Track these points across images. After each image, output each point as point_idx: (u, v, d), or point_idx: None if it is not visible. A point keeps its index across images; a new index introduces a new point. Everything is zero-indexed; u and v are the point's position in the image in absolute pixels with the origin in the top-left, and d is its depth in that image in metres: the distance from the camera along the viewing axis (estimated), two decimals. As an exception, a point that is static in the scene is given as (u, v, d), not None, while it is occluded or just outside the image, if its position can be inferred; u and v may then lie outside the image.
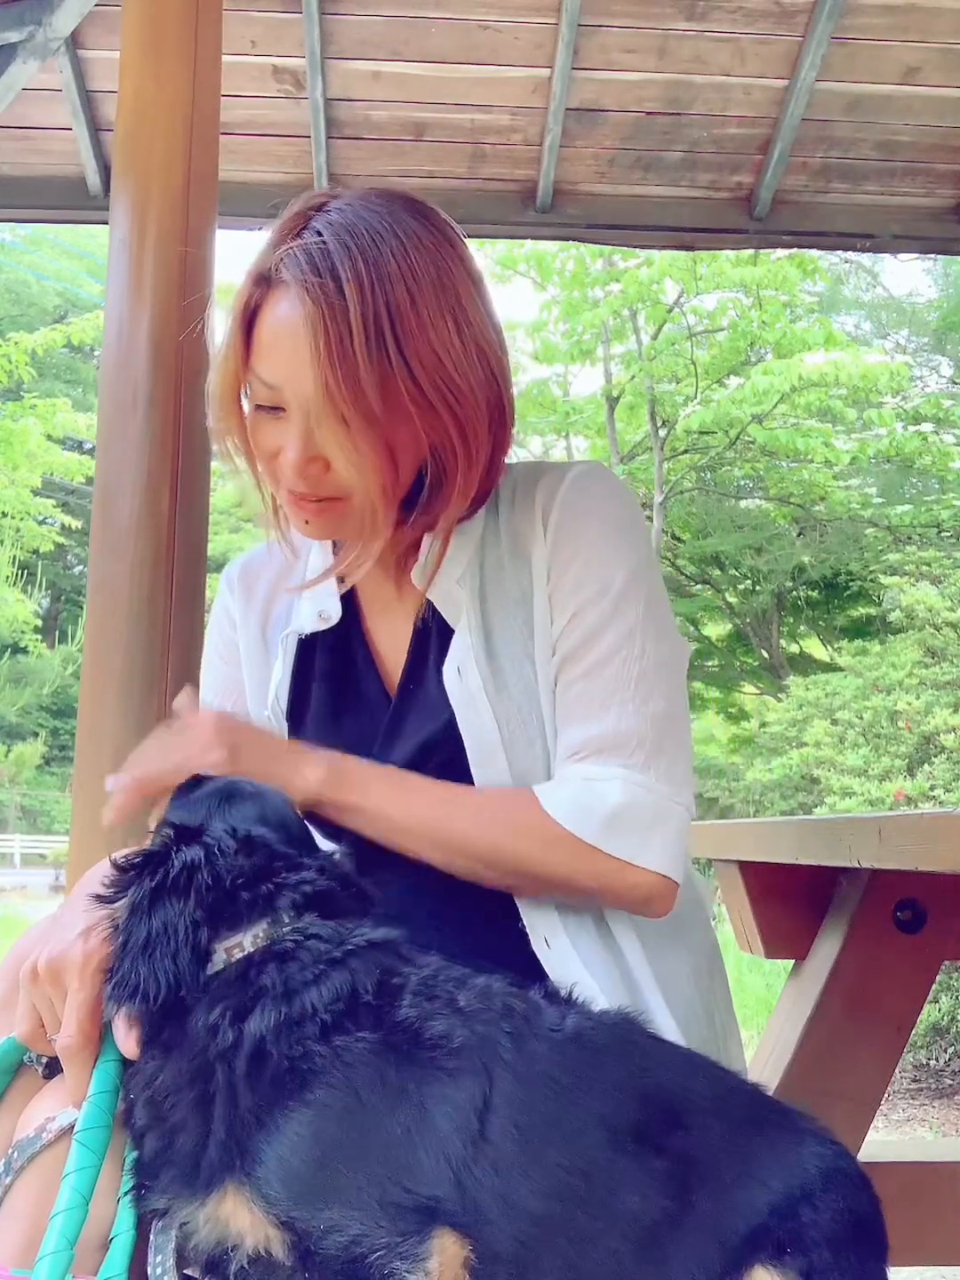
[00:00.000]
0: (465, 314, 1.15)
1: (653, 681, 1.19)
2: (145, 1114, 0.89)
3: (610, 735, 1.16)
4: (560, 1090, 0.88)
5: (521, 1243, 0.82)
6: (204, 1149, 0.84)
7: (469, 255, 1.20)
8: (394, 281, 1.10)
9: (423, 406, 1.12)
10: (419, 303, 1.11)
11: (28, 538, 16.41)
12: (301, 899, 0.94)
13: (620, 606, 1.20)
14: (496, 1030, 0.89)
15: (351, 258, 1.10)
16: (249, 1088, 0.84)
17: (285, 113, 3.68)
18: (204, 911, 0.91)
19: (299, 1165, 0.81)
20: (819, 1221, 0.89)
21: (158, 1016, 0.89)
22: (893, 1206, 0.95)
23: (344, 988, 0.88)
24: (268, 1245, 0.80)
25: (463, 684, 1.20)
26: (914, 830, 1.29)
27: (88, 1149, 0.89)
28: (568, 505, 1.23)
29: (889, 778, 6.57)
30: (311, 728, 1.30)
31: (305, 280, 1.10)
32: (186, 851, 0.94)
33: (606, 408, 13.43)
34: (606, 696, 1.18)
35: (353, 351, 1.08)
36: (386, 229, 1.12)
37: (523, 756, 1.19)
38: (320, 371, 1.08)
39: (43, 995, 0.98)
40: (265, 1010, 0.86)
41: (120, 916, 0.92)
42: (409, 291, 1.11)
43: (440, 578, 1.24)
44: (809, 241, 4.56)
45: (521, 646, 1.21)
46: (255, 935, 0.91)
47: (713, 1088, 0.96)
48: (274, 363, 1.13)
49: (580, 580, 1.21)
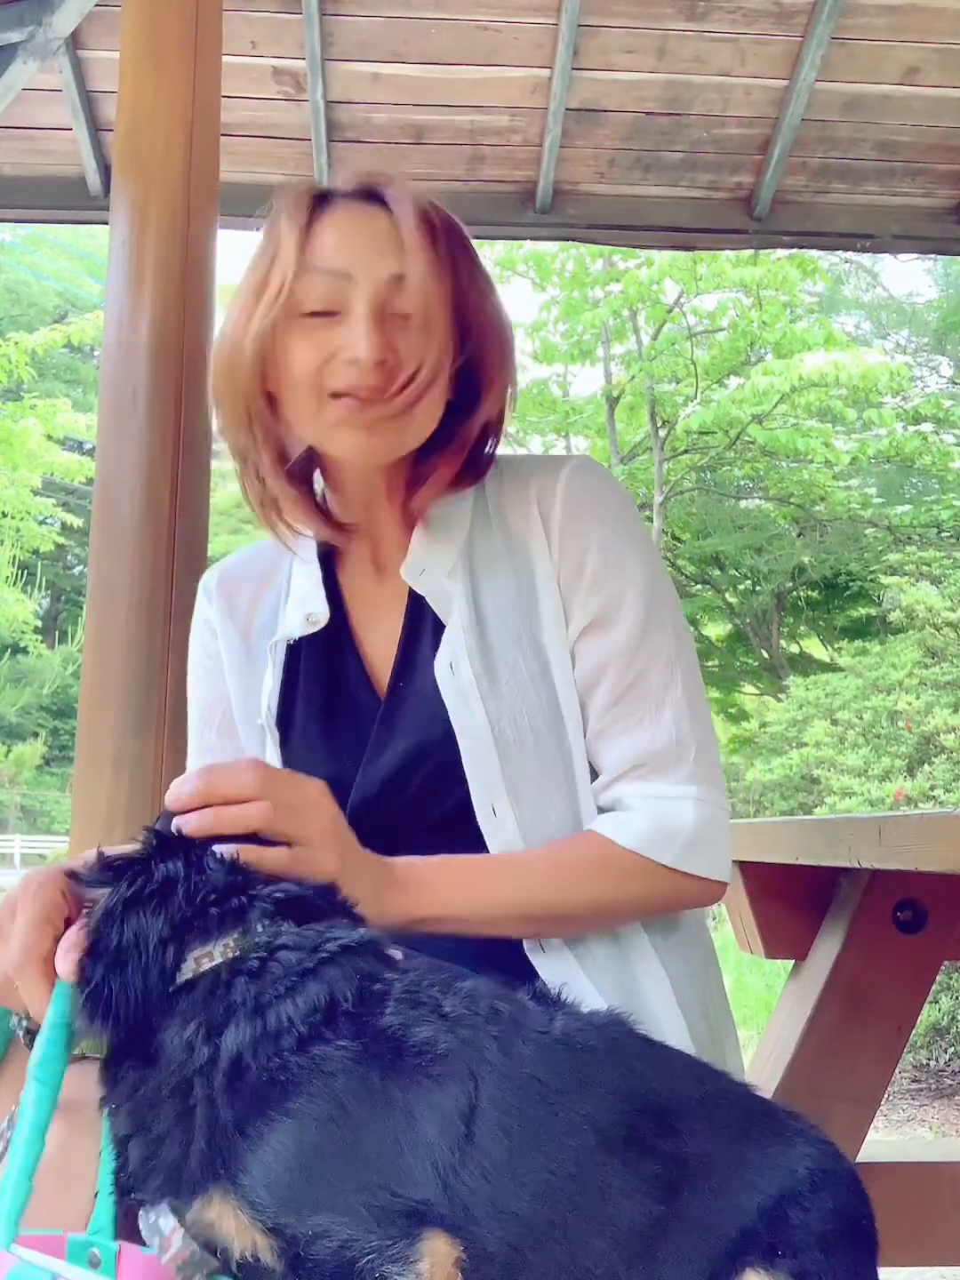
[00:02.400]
0: (493, 285, 1.25)
1: (692, 685, 1.20)
2: (128, 1123, 0.89)
3: (663, 747, 1.17)
4: (548, 1093, 0.87)
5: (512, 1246, 0.82)
6: (186, 1159, 0.84)
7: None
8: (443, 213, 1.20)
9: (473, 309, 1.20)
10: (469, 243, 1.23)
11: (28, 538, 16.40)
12: (273, 906, 0.93)
13: (651, 614, 1.20)
14: (482, 1034, 0.88)
15: (408, 186, 1.20)
16: (228, 1100, 0.83)
17: (285, 114, 3.68)
18: (175, 927, 0.90)
19: (283, 1173, 0.80)
20: (809, 1222, 0.88)
21: (130, 1030, 0.89)
22: (893, 1206, 0.95)
23: (321, 998, 0.87)
24: (255, 1250, 0.80)
25: (455, 679, 1.17)
26: (914, 830, 1.29)
27: (42, 1083, 0.89)
28: (571, 502, 1.22)
29: (889, 778, 6.58)
30: (301, 732, 1.27)
31: (371, 184, 1.18)
32: (167, 864, 0.93)
33: (606, 408, 13.44)
34: (656, 706, 1.18)
35: (432, 229, 1.17)
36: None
37: (514, 752, 1.17)
38: (409, 236, 1.14)
39: (6, 941, 0.96)
40: (239, 1025, 0.85)
41: (94, 918, 0.92)
42: (462, 229, 1.22)
43: (429, 573, 1.22)
44: (809, 241, 4.57)
45: (517, 641, 1.19)
46: (226, 945, 0.90)
47: (702, 1088, 0.96)
48: (346, 251, 1.15)
49: (599, 582, 1.20)
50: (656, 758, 1.17)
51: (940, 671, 7.54)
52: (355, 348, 1.12)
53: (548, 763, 1.18)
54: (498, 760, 1.16)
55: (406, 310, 1.14)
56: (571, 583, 1.21)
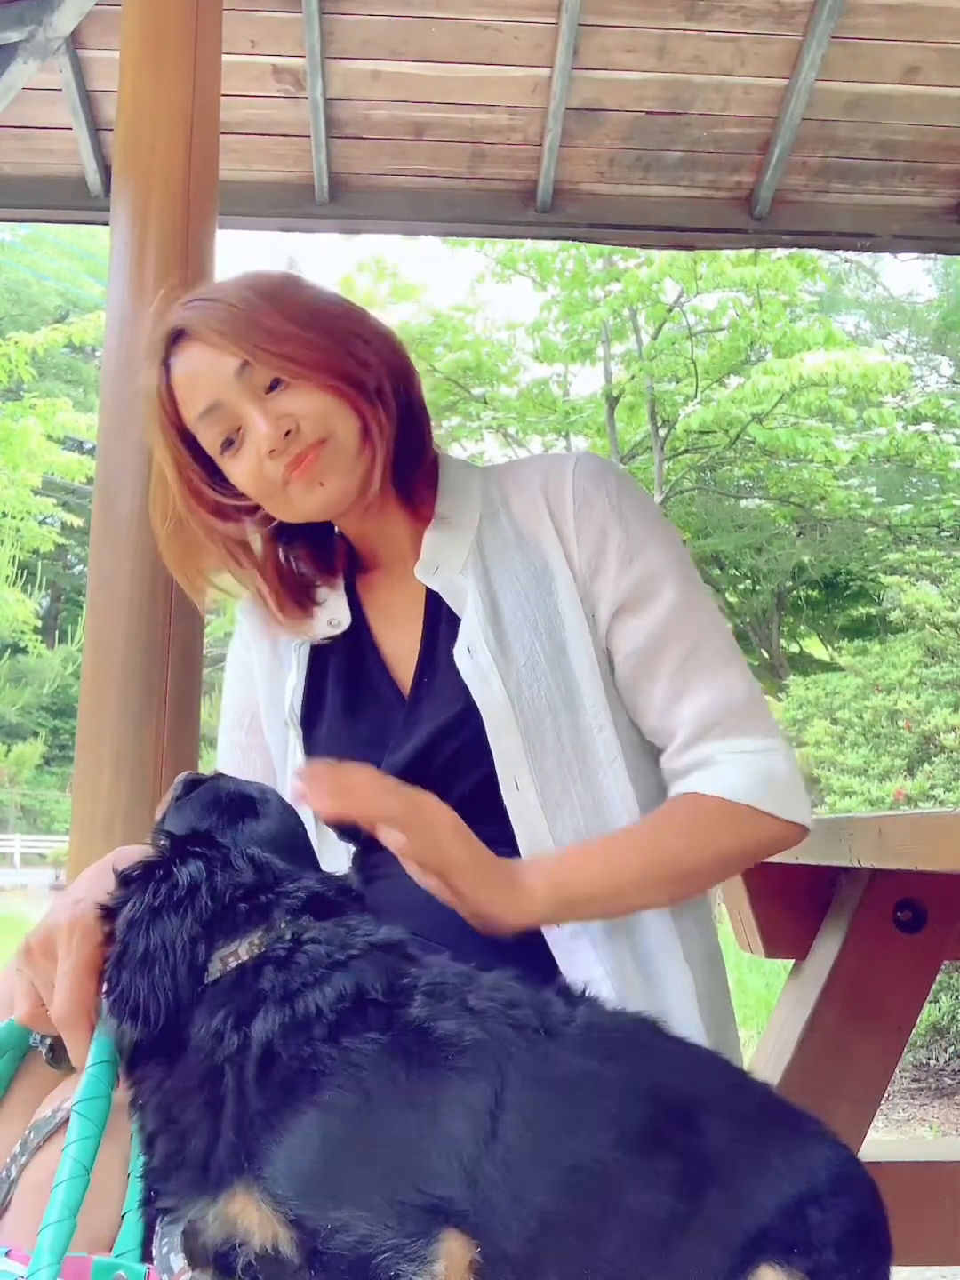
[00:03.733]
0: (316, 290, 1.30)
1: (734, 642, 1.28)
2: (155, 1119, 0.89)
3: (740, 700, 1.23)
4: (572, 1089, 0.88)
5: (531, 1241, 0.82)
6: (214, 1151, 0.84)
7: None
8: (249, 284, 1.27)
9: (322, 332, 1.24)
10: (274, 283, 1.28)
11: (28, 538, 16.39)
12: (297, 904, 0.94)
13: (690, 583, 1.27)
14: (508, 1029, 0.89)
15: (208, 295, 1.27)
16: (258, 1090, 0.84)
17: (285, 112, 3.68)
18: (201, 927, 0.91)
19: (307, 1165, 0.81)
20: (826, 1223, 0.89)
21: (159, 1030, 0.89)
22: (893, 1206, 0.95)
23: (349, 988, 0.88)
24: (275, 1243, 0.80)
25: (474, 661, 1.23)
26: (914, 830, 1.29)
27: (87, 1119, 0.89)
28: (582, 490, 1.27)
29: (889, 778, 6.57)
30: (327, 730, 1.33)
31: (171, 333, 1.25)
32: (188, 866, 0.94)
33: (606, 407, 13.42)
34: (725, 664, 1.24)
35: (243, 308, 1.23)
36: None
37: (534, 729, 1.22)
38: (229, 341, 1.21)
39: (39, 971, 0.98)
40: (269, 1013, 0.86)
41: (120, 929, 0.92)
42: (265, 281, 1.28)
43: (442, 570, 1.28)
44: (809, 241, 4.56)
45: (533, 626, 1.25)
46: (251, 943, 0.91)
47: (724, 1087, 0.97)
48: (198, 390, 1.24)
49: (629, 559, 1.25)
50: (737, 713, 1.23)
51: (940, 671, 7.53)
52: (262, 443, 1.22)
53: (567, 741, 1.23)
54: (519, 734, 1.21)
55: (269, 380, 1.22)
56: (595, 565, 1.26)
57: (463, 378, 13.40)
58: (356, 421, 1.23)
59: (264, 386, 1.22)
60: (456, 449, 13.97)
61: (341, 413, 1.22)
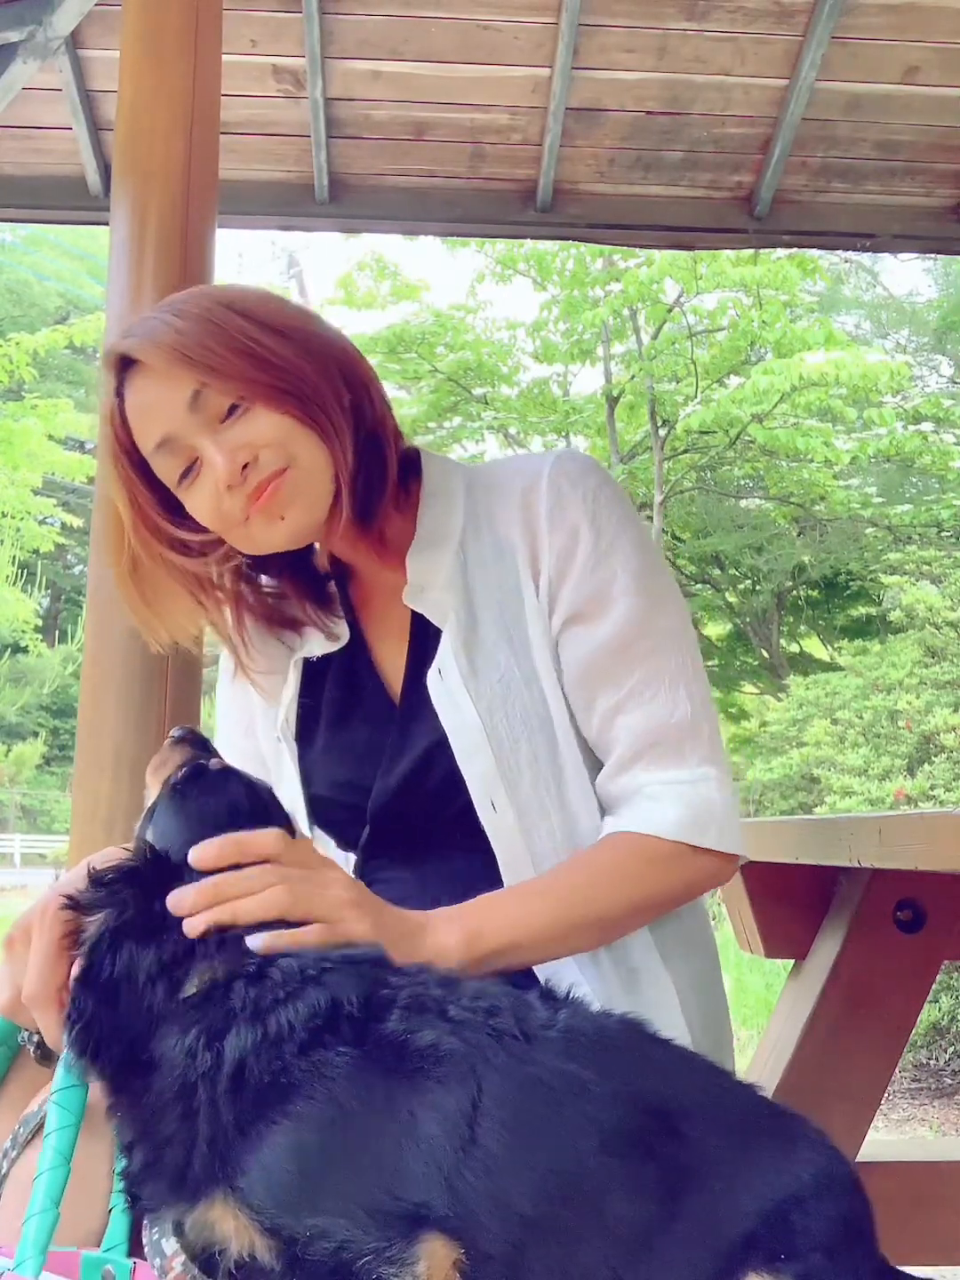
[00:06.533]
0: (271, 303, 1.23)
1: (697, 663, 1.22)
2: (132, 1128, 0.89)
3: (679, 723, 1.18)
4: (551, 1093, 0.87)
5: (513, 1245, 0.82)
6: (190, 1162, 0.84)
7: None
8: (199, 300, 1.20)
9: (275, 360, 1.16)
10: (226, 299, 1.21)
11: (28, 537, 16.37)
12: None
13: (650, 594, 1.20)
14: (486, 1035, 0.88)
15: (156, 315, 1.20)
16: (231, 1104, 0.83)
17: (285, 112, 3.68)
18: (172, 956, 0.90)
19: (282, 1174, 0.80)
20: (812, 1227, 0.88)
21: (132, 1049, 0.88)
22: (893, 1206, 0.95)
23: (322, 1004, 0.87)
24: (252, 1250, 0.80)
25: (444, 684, 1.20)
26: (914, 830, 1.29)
27: (64, 1109, 0.89)
28: (554, 494, 1.22)
29: (889, 778, 6.57)
30: (321, 745, 1.31)
31: (121, 357, 1.18)
32: (160, 883, 0.93)
33: (606, 407, 13.42)
34: (670, 683, 1.19)
35: (193, 328, 1.16)
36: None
37: (508, 749, 1.18)
38: (179, 368, 1.15)
39: (17, 960, 0.98)
40: (241, 1031, 0.86)
41: (88, 941, 0.91)
42: (216, 296, 1.21)
43: (427, 590, 1.24)
44: (809, 241, 4.57)
45: (508, 643, 1.21)
46: (226, 959, 0.91)
47: (707, 1090, 0.95)
48: (151, 422, 1.18)
49: (591, 567, 1.20)
50: (674, 734, 1.18)
51: (940, 671, 7.53)
52: (220, 474, 1.15)
53: (543, 760, 1.20)
54: (492, 756, 1.18)
55: (225, 406, 1.16)
56: (562, 572, 1.21)
57: (463, 378, 13.41)
58: (320, 445, 1.17)
59: (220, 414, 1.16)
60: (457, 449, 13.99)
61: (303, 436, 1.16)
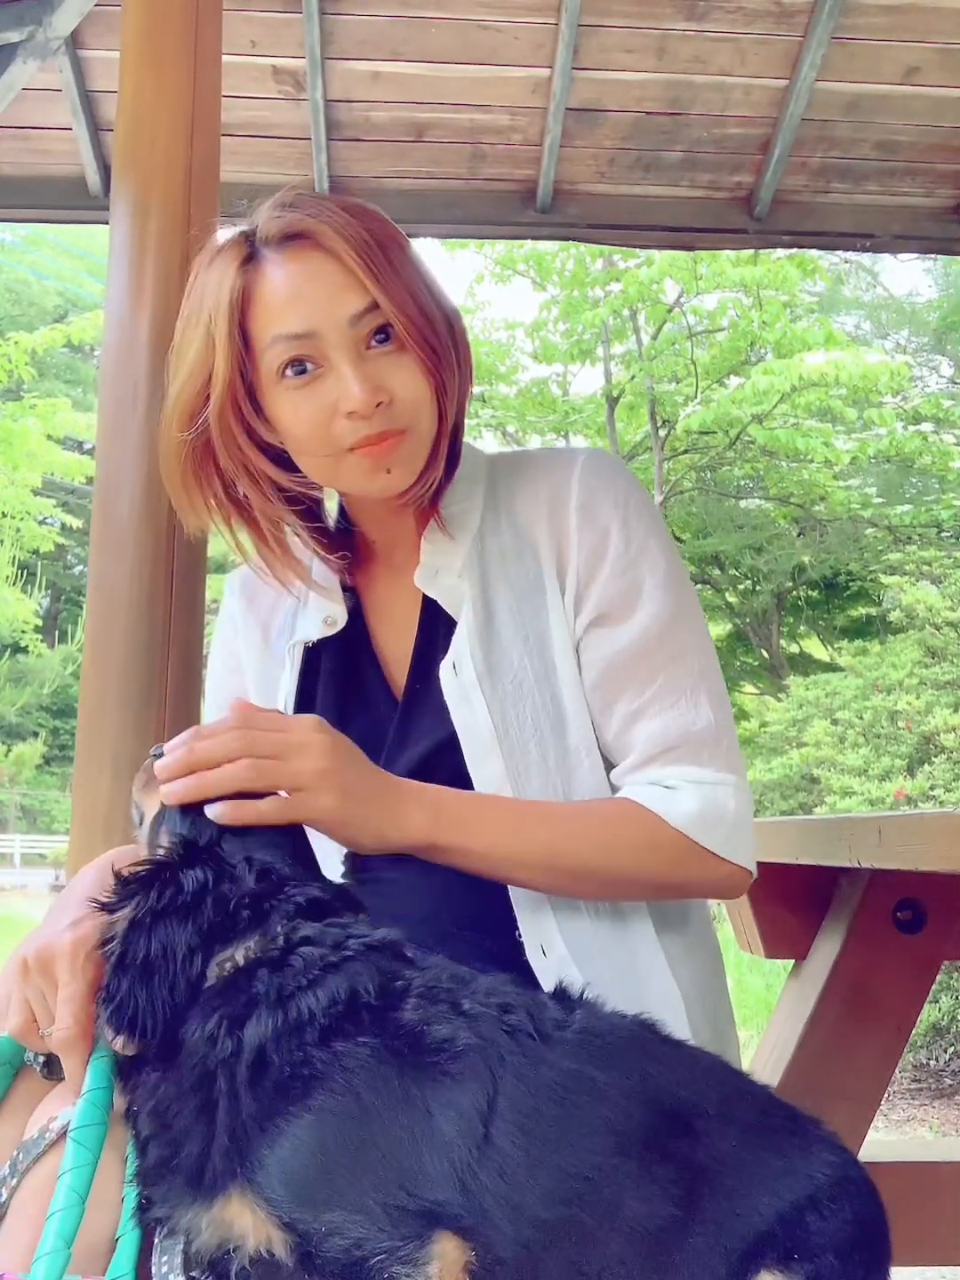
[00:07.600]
0: (429, 270, 1.19)
1: (718, 672, 1.21)
2: (149, 1124, 0.89)
3: (702, 730, 1.16)
4: (566, 1094, 0.88)
5: (526, 1247, 0.82)
6: (208, 1155, 0.84)
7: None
8: (375, 218, 1.15)
9: (426, 306, 1.13)
10: (395, 234, 1.16)
11: (28, 538, 16.38)
12: (294, 909, 0.94)
13: (678, 600, 1.20)
14: (502, 1033, 0.88)
15: (325, 204, 1.14)
16: (251, 1094, 0.84)
17: (285, 113, 3.68)
18: (201, 935, 0.90)
19: (301, 1168, 0.81)
20: (826, 1229, 0.89)
21: (155, 1038, 0.89)
22: (893, 1206, 0.95)
23: (342, 992, 0.87)
24: (269, 1246, 0.80)
25: (458, 680, 1.18)
26: (914, 830, 1.29)
27: (83, 1146, 0.88)
28: (587, 493, 1.21)
29: (889, 778, 6.56)
30: None
31: (296, 228, 1.12)
32: (195, 872, 0.93)
33: (606, 407, 13.43)
34: (693, 690, 1.17)
35: (368, 248, 1.10)
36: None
37: (518, 752, 1.17)
38: (367, 274, 1.09)
39: (34, 988, 0.97)
40: (262, 1017, 0.86)
41: (119, 929, 0.91)
42: (387, 224, 1.16)
43: (441, 575, 1.23)
44: (809, 241, 4.56)
45: (525, 641, 1.20)
46: (248, 948, 0.91)
47: (723, 1091, 0.96)
48: (302, 309, 1.10)
49: (621, 568, 1.19)
50: (694, 741, 1.16)
51: (940, 671, 7.53)
52: (350, 402, 1.10)
53: (553, 763, 1.19)
54: (501, 759, 1.17)
55: (380, 334, 1.12)
56: (591, 570, 1.20)
57: (463, 377, 13.38)
58: (434, 421, 1.15)
59: (368, 338, 1.10)
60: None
61: (430, 409, 1.14)
